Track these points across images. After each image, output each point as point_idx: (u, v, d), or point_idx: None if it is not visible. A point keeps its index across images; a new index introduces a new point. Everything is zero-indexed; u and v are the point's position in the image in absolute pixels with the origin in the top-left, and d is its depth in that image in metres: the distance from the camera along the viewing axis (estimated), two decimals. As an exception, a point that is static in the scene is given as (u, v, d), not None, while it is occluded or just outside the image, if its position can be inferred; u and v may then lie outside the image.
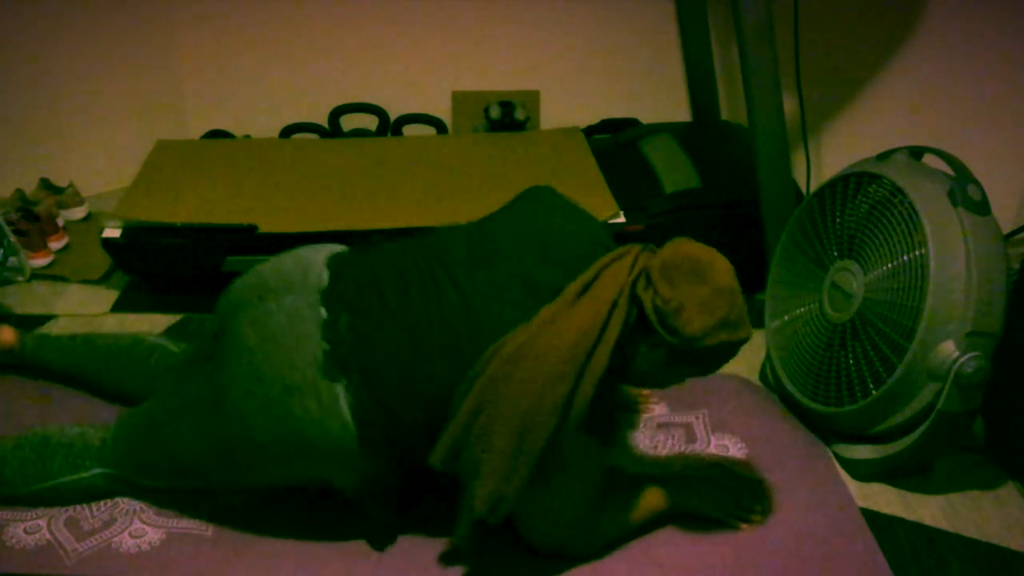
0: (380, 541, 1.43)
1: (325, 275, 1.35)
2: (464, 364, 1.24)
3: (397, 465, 1.33)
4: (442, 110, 2.66)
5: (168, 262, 2.04)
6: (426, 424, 1.28)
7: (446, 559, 1.39)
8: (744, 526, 1.47)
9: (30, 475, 1.44)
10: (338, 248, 1.42)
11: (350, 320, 1.30)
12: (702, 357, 1.27)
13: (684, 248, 1.26)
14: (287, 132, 2.62)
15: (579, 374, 1.21)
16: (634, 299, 1.24)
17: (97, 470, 1.44)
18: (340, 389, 1.27)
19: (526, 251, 1.30)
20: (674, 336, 1.23)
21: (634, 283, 1.25)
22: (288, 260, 1.39)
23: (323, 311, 1.31)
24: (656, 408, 1.78)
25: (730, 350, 1.27)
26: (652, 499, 1.44)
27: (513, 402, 1.20)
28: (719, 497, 1.48)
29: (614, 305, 1.22)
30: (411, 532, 1.44)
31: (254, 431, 1.30)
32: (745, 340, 1.26)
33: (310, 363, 1.28)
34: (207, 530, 1.44)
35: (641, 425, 1.73)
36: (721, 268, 1.25)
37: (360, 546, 1.42)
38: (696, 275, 1.23)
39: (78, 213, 2.44)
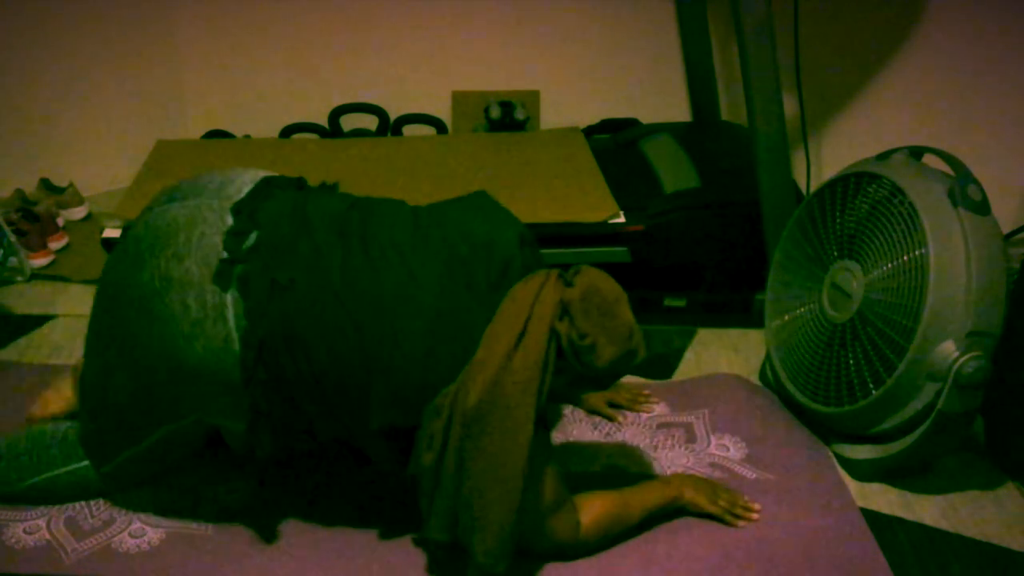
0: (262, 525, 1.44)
1: (246, 190, 1.33)
2: (392, 333, 1.24)
3: (284, 426, 1.32)
4: (442, 110, 2.66)
5: (168, 262, 2.04)
6: (319, 386, 1.27)
7: (449, 561, 1.39)
8: (741, 523, 1.47)
9: (24, 468, 1.44)
10: (276, 175, 1.41)
11: (261, 241, 1.28)
12: (602, 379, 1.37)
13: (596, 282, 1.31)
14: (287, 132, 2.62)
15: (536, 407, 1.26)
16: (554, 332, 1.29)
17: (88, 460, 1.45)
18: (229, 299, 1.25)
19: (467, 248, 1.32)
20: (585, 368, 1.29)
21: (552, 317, 1.30)
22: (215, 172, 1.38)
23: (229, 219, 1.29)
24: (656, 408, 1.78)
25: (626, 372, 1.35)
26: (651, 494, 1.45)
27: (490, 455, 1.23)
28: (717, 494, 1.49)
29: (549, 340, 1.27)
30: (411, 532, 1.45)
31: (129, 335, 1.28)
32: (641, 358, 1.34)
33: (201, 263, 1.25)
34: (207, 530, 1.44)
35: (641, 425, 1.74)
36: (625, 302, 1.32)
37: (361, 546, 1.42)
38: (607, 310, 1.29)
39: (78, 213, 2.45)
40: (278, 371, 1.27)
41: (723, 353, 1.99)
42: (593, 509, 1.38)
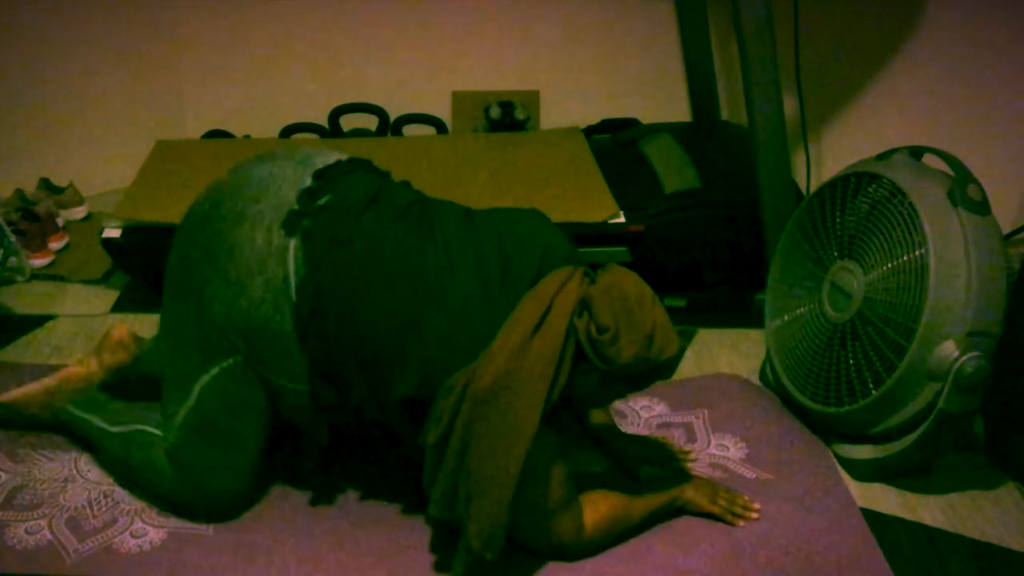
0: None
1: (332, 160, 1.43)
2: (424, 311, 1.30)
3: (335, 384, 1.36)
4: (442, 110, 2.66)
5: (168, 262, 2.04)
6: (358, 347, 1.33)
7: (447, 563, 1.39)
8: (740, 522, 1.47)
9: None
10: (364, 159, 1.51)
11: (331, 203, 1.36)
12: (634, 379, 1.34)
13: (619, 280, 1.32)
14: (287, 132, 2.62)
15: (547, 400, 1.27)
16: (572, 328, 1.30)
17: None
18: (292, 244, 1.33)
19: (511, 241, 1.37)
20: (607, 364, 1.29)
21: (572, 312, 1.30)
22: (307, 146, 1.50)
23: (309, 181, 1.38)
24: (656, 408, 1.78)
25: (658, 371, 1.34)
26: (652, 495, 1.45)
27: (494, 438, 1.25)
28: (717, 494, 1.49)
29: (568, 335, 1.29)
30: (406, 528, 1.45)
31: (199, 269, 1.36)
32: (672, 357, 1.32)
33: (274, 208, 1.35)
34: (207, 530, 1.44)
35: (641, 425, 1.74)
36: (650, 301, 1.32)
37: (361, 545, 1.42)
38: (628, 308, 1.29)
39: (78, 213, 2.45)
40: (327, 327, 1.32)
41: (723, 353, 1.99)
42: (596, 510, 1.39)
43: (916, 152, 1.64)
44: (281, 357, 1.35)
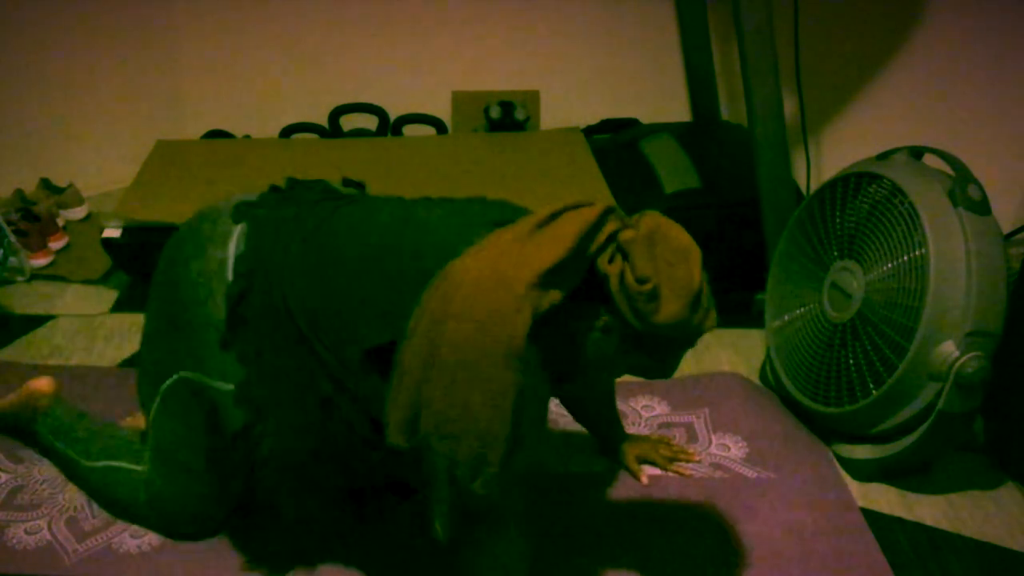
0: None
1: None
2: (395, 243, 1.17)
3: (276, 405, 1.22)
4: (442, 110, 2.66)
5: (168, 262, 2.04)
6: (318, 318, 1.17)
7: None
8: (682, 468, 1.60)
9: (103, 446, 1.46)
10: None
11: (288, 197, 1.33)
12: (661, 345, 1.12)
13: (663, 225, 1.11)
14: (287, 132, 2.62)
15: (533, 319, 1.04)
16: (592, 269, 1.09)
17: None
18: (237, 230, 1.27)
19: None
20: (640, 321, 1.07)
21: (597, 251, 1.09)
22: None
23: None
24: (657, 408, 1.78)
25: (688, 341, 1.13)
26: None
27: (461, 340, 1.03)
28: (659, 447, 1.62)
29: (590, 269, 1.09)
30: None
31: (156, 283, 1.34)
32: (710, 328, 1.12)
33: (229, 207, 1.31)
34: (208, 530, 1.45)
35: (642, 425, 1.74)
36: (697, 254, 1.12)
37: (361, 546, 1.42)
38: (674, 260, 1.08)
39: (78, 213, 2.45)
40: (270, 306, 1.20)
41: (723, 353, 1.99)
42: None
43: (916, 152, 1.64)
44: (210, 348, 1.24)
